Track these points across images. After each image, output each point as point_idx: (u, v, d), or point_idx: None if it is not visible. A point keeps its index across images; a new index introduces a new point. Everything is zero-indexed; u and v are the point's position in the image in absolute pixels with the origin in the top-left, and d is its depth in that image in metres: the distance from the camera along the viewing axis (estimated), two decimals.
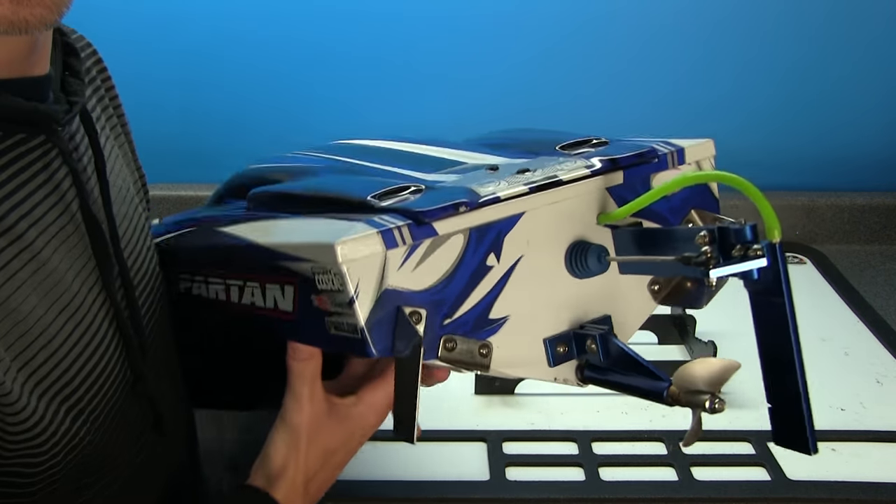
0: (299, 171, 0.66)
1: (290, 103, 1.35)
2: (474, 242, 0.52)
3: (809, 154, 1.39)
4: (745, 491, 0.83)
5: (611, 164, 0.57)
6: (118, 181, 0.65)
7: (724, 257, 0.47)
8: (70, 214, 0.56)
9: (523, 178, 0.55)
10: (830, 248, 1.36)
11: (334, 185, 0.58)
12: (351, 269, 0.48)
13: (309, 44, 1.31)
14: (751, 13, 1.30)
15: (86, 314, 0.56)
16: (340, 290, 0.49)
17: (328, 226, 0.52)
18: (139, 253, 0.65)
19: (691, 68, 1.33)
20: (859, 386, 0.99)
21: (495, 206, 0.53)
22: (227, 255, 0.62)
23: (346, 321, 0.51)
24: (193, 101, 1.33)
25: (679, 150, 0.60)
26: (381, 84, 1.34)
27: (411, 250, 0.50)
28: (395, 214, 0.51)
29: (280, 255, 0.54)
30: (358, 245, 0.48)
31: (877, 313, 1.16)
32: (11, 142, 0.52)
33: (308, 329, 0.55)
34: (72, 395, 0.55)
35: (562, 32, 1.31)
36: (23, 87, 0.52)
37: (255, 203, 0.65)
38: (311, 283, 0.52)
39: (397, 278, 0.50)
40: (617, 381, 0.55)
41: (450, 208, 0.51)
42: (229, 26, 1.29)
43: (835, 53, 1.32)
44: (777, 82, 1.34)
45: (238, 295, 0.61)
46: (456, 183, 0.56)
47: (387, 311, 0.50)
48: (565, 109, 1.36)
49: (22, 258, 0.51)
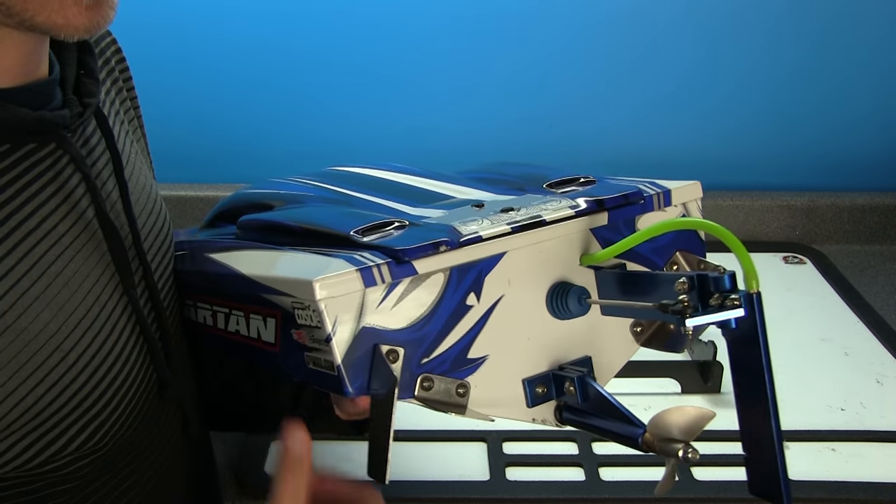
0: (289, 199, 0.66)
1: (291, 104, 1.35)
2: (455, 281, 0.52)
3: (809, 154, 1.39)
4: (744, 491, 0.82)
5: (596, 205, 0.57)
6: (140, 179, 0.64)
7: (703, 305, 0.47)
8: (85, 221, 0.55)
9: (507, 217, 0.55)
10: (830, 248, 1.36)
11: (319, 218, 0.58)
12: (329, 306, 0.48)
13: (309, 45, 1.31)
14: (751, 15, 1.30)
15: (105, 322, 0.55)
16: (318, 327, 0.49)
17: (308, 261, 0.52)
18: (162, 252, 0.64)
19: (692, 70, 1.33)
20: (859, 386, 0.99)
21: (477, 245, 0.52)
22: (214, 281, 0.62)
23: (323, 357, 0.50)
24: (193, 101, 1.33)
25: (665, 192, 0.59)
26: (380, 87, 1.34)
27: (390, 288, 0.50)
28: (375, 252, 0.51)
29: (263, 287, 0.54)
30: (336, 282, 0.48)
31: (877, 313, 1.16)
32: (21, 153, 0.51)
33: (289, 362, 0.54)
34: (92, 407, 0.54)
35: (566, 35, 1.31)
36: (29, 94, 0.52)
37: (244, 231, 0.64)
38: (292, 318, 0.52)
39: (375, 317, 0.50)
40: (594, 425, 0.55)
41: (430, 247, 0.50)
42: (229, 26, 1.29)
43: (835, 54, 1.32)
44: (777, 83, 1.34)
45: (224, 321, 0.61)
46: (440, 220, 0.55)
47: (364, 349, 0.50)
48: (567, 110, 1.36)
49: (32, 275, 0.50)
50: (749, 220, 1.37)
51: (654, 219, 0.59)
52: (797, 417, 0.93)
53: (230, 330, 0.61)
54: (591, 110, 1.36)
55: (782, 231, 1.38)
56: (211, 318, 0.64)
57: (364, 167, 0.74)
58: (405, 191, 0.65)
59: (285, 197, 0.67)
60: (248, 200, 0.70)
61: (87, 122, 0.58)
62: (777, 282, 1.25)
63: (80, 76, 0.57)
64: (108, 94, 0.65)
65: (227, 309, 0.61)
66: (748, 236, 1.38)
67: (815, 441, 0.90)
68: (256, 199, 0.69)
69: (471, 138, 1.36)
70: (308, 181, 0.71)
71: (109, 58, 0.66)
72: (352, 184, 0.68)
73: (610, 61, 1.33)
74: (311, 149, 1.37)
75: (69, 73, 0.56)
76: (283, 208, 0.65)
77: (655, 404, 0.94)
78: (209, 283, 0.63)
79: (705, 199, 1.41)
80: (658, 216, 0.59)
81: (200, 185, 1.36)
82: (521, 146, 1.37)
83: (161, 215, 0.66)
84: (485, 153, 1.37)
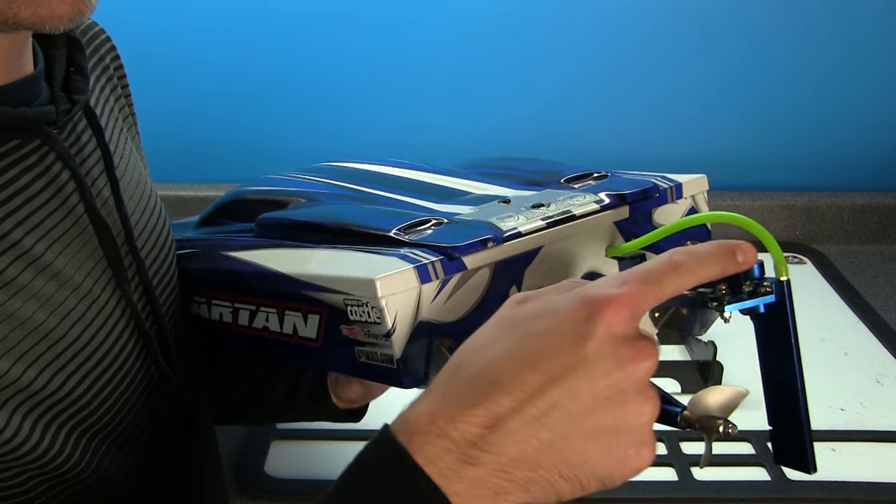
0: (302, 196, 0.67)
1: (291, 103, 1.35)
2: (499, 275, 0.55)
3: (809, 154, 1.39)
4: (745, 491, 0.83)
5: (618, 199, 0.60)
6: (134, 175, 0.64)
7: (734, 293, 0.49)
8: (76, 216, 0.55)
9: (539, 212, 0.57)
10: (830, 248, 1.36)
11: (357, 217, 0.60)
12: (389, 303, 0.50)
13: (308, 44, 1.31)
14: (750, 14, 1.30)
15: (97, 315, 0.55)
16: (378, 323, 0.51)
17: (362, 260, 0.54)
18: (158, 248, 0.64)
19: (691, 69, 1.33)
20: (859, 386, 0.99)
21: (517, 240, 0.55)
22: (236, 279, 0.63)
23: (380, 351, 0.53)
24: (193, 101, 1.33)
25: (677, 186, 0.62)
26: (379, 85, 1.34)
27: (443, 284, 0.52)
28: (426, 249, 0.53)
29: (307, 286, 0.56)
30: (396, 280, 0.50)
31: (877, 313, 1.16)
32: (5, 148, 0.51)
33: (332, 356, 0.56)
34: (82, 397, 0.54)
35: (565, 34, 1.31)
36: (13, 92, 0.52)
37: (264, 228, 0.65)
38: (343, 314, 0.53)
39: (430, 311, 0.52)
40: None
41: (478, 244, 0.53)
42: (229, 26, 1.29)
43: (835, 54, 1.32)
44: (777, 83, 1.34)
45: (249, 319, 0.62)
46: (475, 216, 0.58)
47: (420, 342, 0.52)
48: (566, 109, 1.36)
49: (18, 265, 0.50)
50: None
51: (668, 210, 0.62)
52: None
53: (256, 326, 0.62)
54: (589, 109, 1.36)
55: (782, 231, 1.38)
56: (231, 314, 0.64)
57: (363, 163, 0.74)
58: (421, 187, 0.67)
59: (298, 194, 0.68)
60: (252, 197, 0.71)
61: (78, 118, 0.58)
62: None
63: (69, 73, 0.57)
64: (103, 92, 0.65)
65: (254, 306, 0.62)
66: (748, 236, 1.37)
67: (815, 441, 0.88)
68: (264, 196, 0.69)
69: (469, 135, 1.36)
70: (312, 178, 0.71)
71: (104, 55, 0.66)
72: (365, 181, 0.69)
73: (609, 60, 1.33)
74: (311, 148, 1.37)
75: (58, 69, 0.56)
76: (303, 206, 0.66)
77: None
78: (228, 281, 0.64)
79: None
80: (672, 208, 0.62)
81: (200, 185, 1.36)
82: (517, 143, 1.37)
83: (156, 211, 0.66)
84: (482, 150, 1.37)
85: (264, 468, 0.87)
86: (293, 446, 0.90)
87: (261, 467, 0.87)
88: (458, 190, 0.66)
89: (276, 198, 0.68)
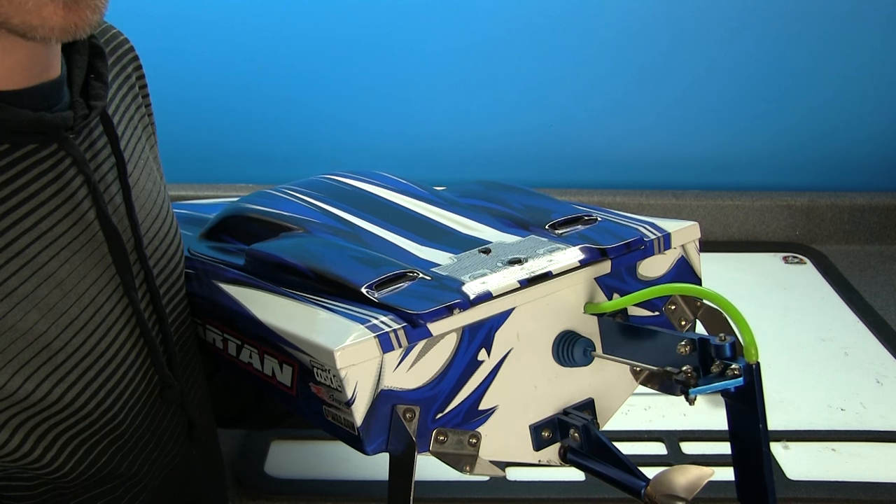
0: (294, 223, 0.67)
1: (291, 104, 1.35)
2: (467, 340, 0.54)
3: (809, 154, 1.39)
4: None
5: (599, 254, 0.59)
6: (147, 184, 0.64)
7: (704, 369, 0.50)
8: (86, 223, 0.55)
9: (515, 270, 0.56)
10: (830, 248, 1.36)
11: (331, 265, 0.59)
12: (349, 373, 0.50)
13: (310, 47, 1.31)
14: (751, 18, 1.30)
15: (100, 324, 0.55)
16: (339, 391, 0.51)
17: (327, 321, 0.54)
18: (167, 256, 0.64)
19: (692, 72, 1.33)
20: (859, 386, 0.99)
21: (487, 303, 0.54)
22: (226, 314, 0.63)
23: (342, 416, 0.52)
24: (193, 101, 1.33)
25: (665, 236, 0.61)
26: (382, 89, 1.34)
27: (406, 352, 0.52)
28: (391, 315, 0.52)
29: (280, 339, 0.56)
30: (356, 350, 0.50)
31: (877, 313, 1.16)
32: (21, 153, 0.51)
33: (305, 407, 0.56)
34: (84, 406, 0.54)
35: (569, 41, 1.31)
36: (32, 96, 0.52)
37: (252, 261, 0.65)
38: (310, 373, 0.53)
39: (393, 379, 0.52)
40: (597, 470, 0.57)
41: (444, 310, 0.52)
42: (228, 26, 1.29)
43: (835, 54, 1.32)
44: (777, 83, 1.34)
45: (236, 351, 0.63)
46: (450, 271, 0.57)
47: (382, 410, 0.52)
48: (569, 113, 1.36)
49: (21, 275, 0.50)
50: (749, 220, 1.37)
51: (654, 262, 0.61)
52: (797, 417, 0.93)
53: (242, 360, 0.62)
54: (592, 113, 1.36)
55: (782, 231, 1.38)
56: (221, 343, 0.65)
57: (360, 180, 0.74)
58: (409, 222, 0.67)
59: (290, 220, 0.68)
60: (250, 215, 0.71)
61: (94, 124, 0.58)
62: (777, 282, 1.25)
63: (88, 79, 0.57)
64: (124, 100, 0.64)
65: (240, 341, 0.62)
66: (748, 236, 1.38)
67: (815, 441, 0.90)
68: (260, 216, 0.70)
69: (473, 144, 1.36)
70: (308, 199, 0.71)
71: (126, 65, 0.66)
72: (354, 207, 0.69)
73: (612, 65, 1.33)
74: (311, 150, 1.37)
75: (78, 75, 0.56)
76: (291, 238, 0.65)
77: (655, 404, 0.94)
78: (218, 311, 0.64)
79: (706, 199, 1.42)
80: (658, 260, 0.61)
81: (200, 185, 1.36)
82: (524, 152, 1.37)
83: (167, 220, 0.65)
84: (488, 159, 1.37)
85: (264, 468, 0.87)
86: (293, 446, 0.90)
87: (261, 467, 0.87)
88: (445, 227, 0.65)
89: (270, 220, 0.68)
